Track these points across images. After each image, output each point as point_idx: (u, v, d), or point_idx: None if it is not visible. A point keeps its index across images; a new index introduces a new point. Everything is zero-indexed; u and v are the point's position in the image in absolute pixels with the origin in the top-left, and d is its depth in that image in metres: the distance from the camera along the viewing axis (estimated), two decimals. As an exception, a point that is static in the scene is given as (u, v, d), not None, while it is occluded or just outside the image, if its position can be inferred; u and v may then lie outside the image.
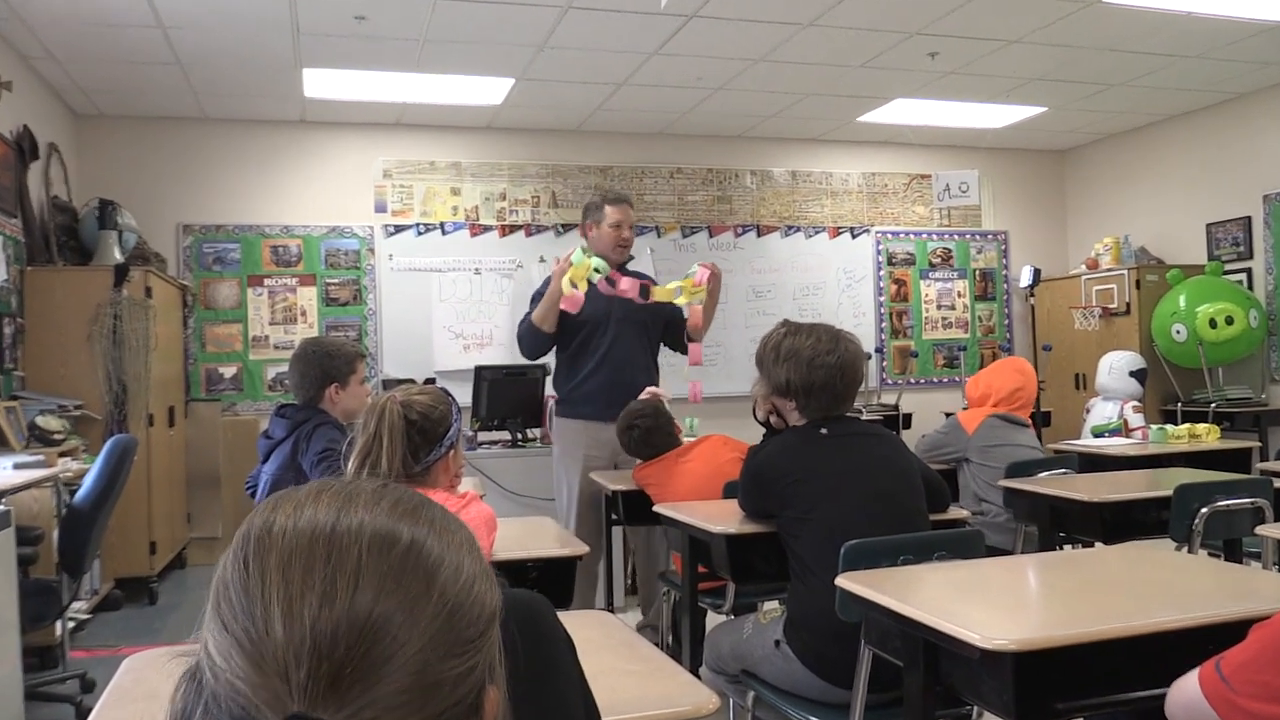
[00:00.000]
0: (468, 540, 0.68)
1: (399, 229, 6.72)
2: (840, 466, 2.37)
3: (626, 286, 3.87)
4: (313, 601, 0.58)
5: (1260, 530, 2.57)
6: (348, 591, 0.59)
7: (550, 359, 4.15)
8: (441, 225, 6.81)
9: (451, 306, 6.77)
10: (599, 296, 4.02)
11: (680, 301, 3.97)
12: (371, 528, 0.63)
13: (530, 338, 3.99)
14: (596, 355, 4.06)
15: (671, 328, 4.12)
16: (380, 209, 6.74)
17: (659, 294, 3.90)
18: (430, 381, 6.46)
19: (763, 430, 2.67)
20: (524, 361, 6.33)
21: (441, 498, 2.02)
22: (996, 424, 3.83)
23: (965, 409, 3.99)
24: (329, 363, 3.02)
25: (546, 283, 3.97)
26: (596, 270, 3.80)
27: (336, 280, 6.62)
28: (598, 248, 4.18)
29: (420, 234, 6.76)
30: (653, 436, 3.48)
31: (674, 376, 5.81)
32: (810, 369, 2.41)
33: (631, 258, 4.35)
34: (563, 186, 7.07)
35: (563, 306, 3.81)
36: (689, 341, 4.02)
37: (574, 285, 3.79)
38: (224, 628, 0.59)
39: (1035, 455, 3.81)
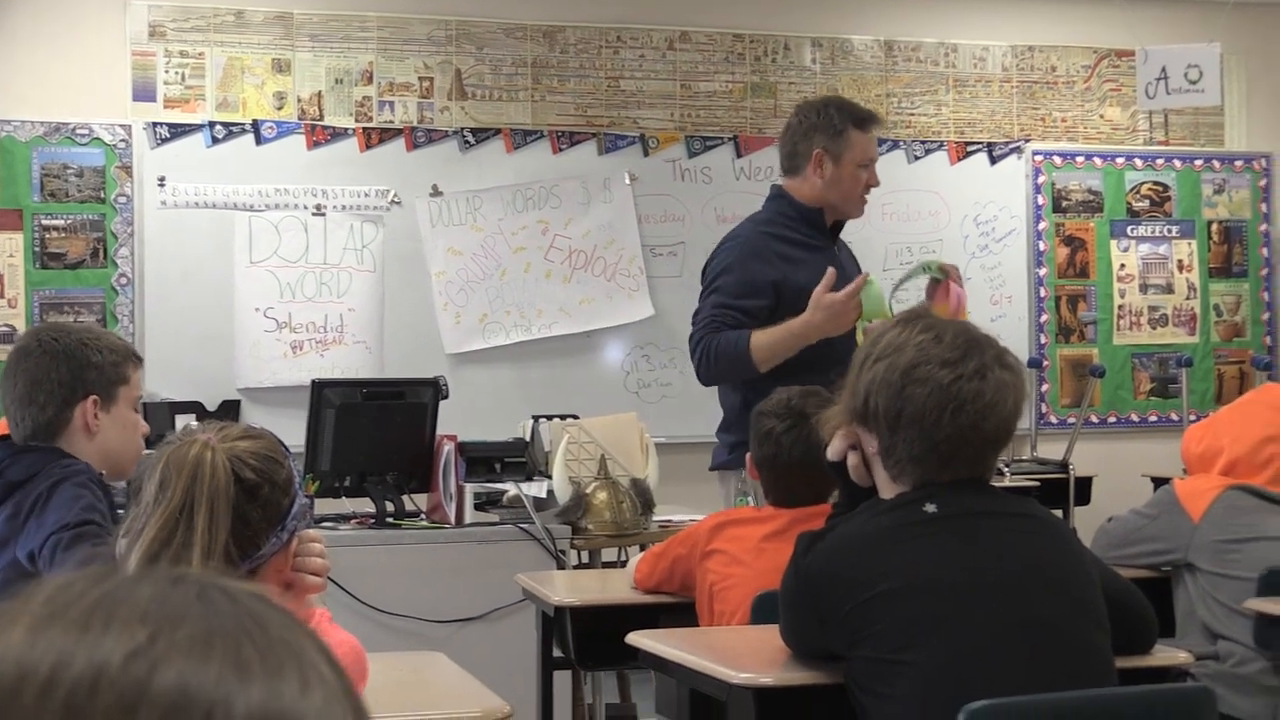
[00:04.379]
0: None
1: (177, 132, 6.74)
2: (957, 572, 2.41)
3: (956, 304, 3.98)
4: None
5: None
6: None
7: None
8: (255, 126, 6.84)
9: (270, 273, 6.80)
10: (828, 255, 4.16)
11: None
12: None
13: (734, 367, 4.08)
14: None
15: None
16: (143, 95, 6.75)
17: None
18: (228, 408, 6.49)
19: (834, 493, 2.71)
20: (401, 374, 6.32)
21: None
22: (1243, 504, 3.87)
23: (1186, 476, 4.05)
24: (83, 360, 3.05)
25: (749, 269, 4.13)
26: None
27: (60, 222, 6.63)
28: (829, 197, 4.25)
29: (216, 141, 6.78)
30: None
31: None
32: (906, 382, 2.45)
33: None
34: (475, 62, 7.11)
35: None
36: None
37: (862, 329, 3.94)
38: None
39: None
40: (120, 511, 2.77)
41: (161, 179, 6.67)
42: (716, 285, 4.22)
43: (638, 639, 2.94)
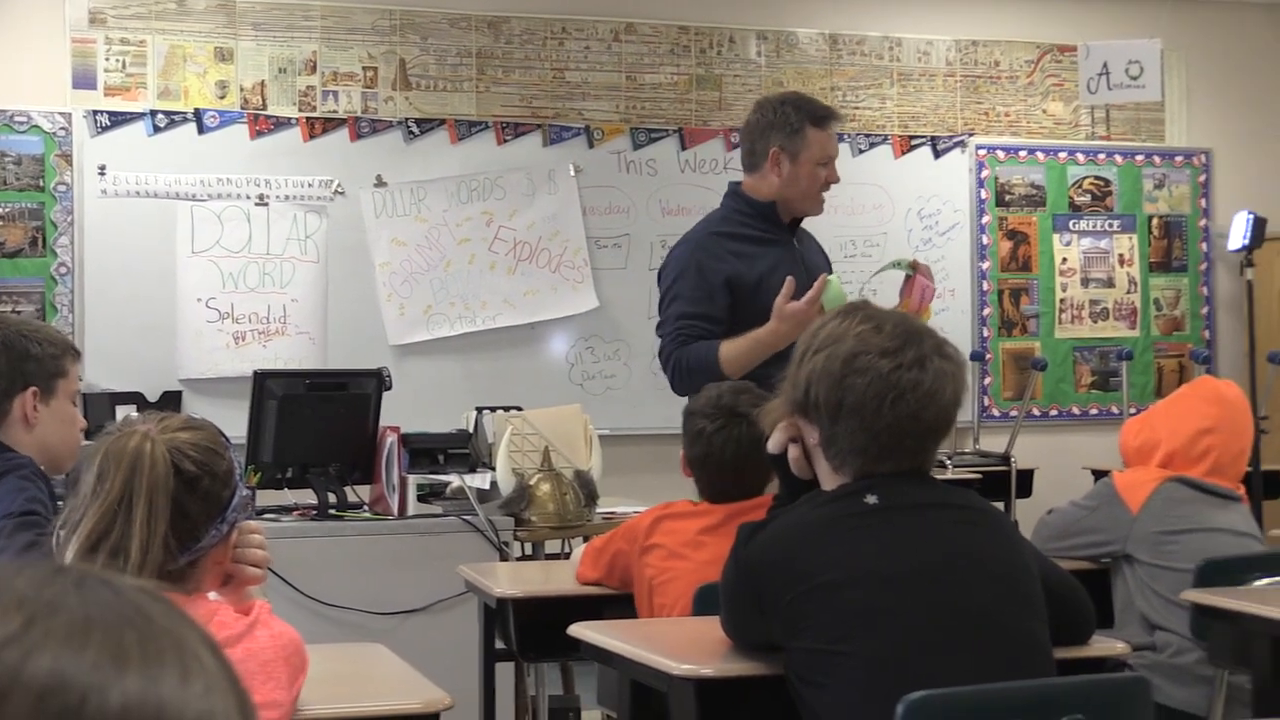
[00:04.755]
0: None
1: (117, 120, 6.70)
2: (898, 564, 2.42)
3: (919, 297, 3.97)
4: None
5: None
6: None
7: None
8: (198, 115, 6.80)
9: (213, 263, 6.76)
10: (786, 249, 4.15)
11: None
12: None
13: (708, 380, 3.93)
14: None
15: None
16: (84, 83, 6.71)
17: None
18: (170, 399, 6.45)
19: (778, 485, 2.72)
20: (345, 365, 6.30)
21: (207, 614, 2.04)
22: (1180, 495, 3.93)
23: (1126, 469, 4.10)
24: (22, 351, 3.04)
25: (703, 271, 4.11)
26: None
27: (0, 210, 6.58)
28: (787, 194, 4.24)
29: (158, 130, 6.74)
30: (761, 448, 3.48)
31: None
32: (846, 372, 2.46)
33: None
34: (419, 52, 7.09)
35: None
36: None
37: None
38: None
39: (1249, 549, 3.91)
40: (61, 504, 2.77)
41: (102, 167, 6.63)
42: (675, 294, 4.19)
43: (580, 631, 2.95)
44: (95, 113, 6.64)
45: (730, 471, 3.41)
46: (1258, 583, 3.69)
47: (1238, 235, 6.80)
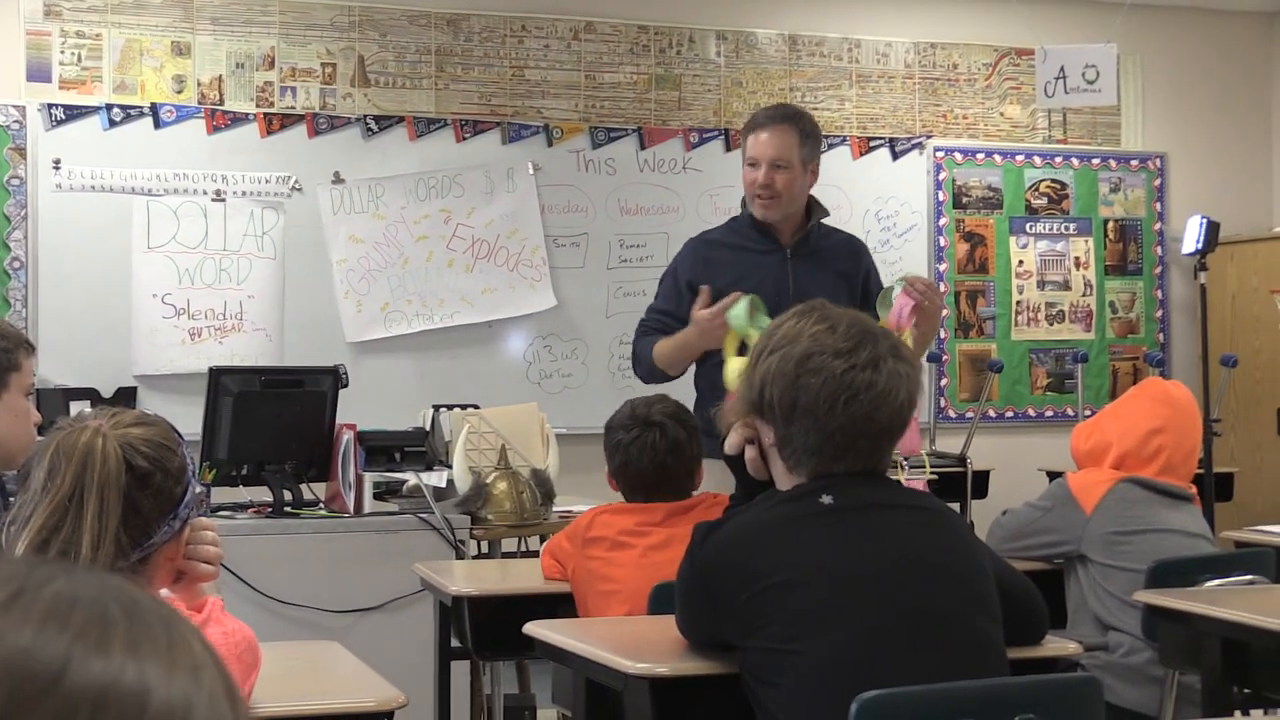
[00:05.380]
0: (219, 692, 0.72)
1: (72, 114, 6.66)
2: (852, 564, 2.44)
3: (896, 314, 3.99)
4: None
5: None
6: None
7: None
8: (154, 110, 6.77)
9: (169, 259, 6.73)
10: (767, 260, 4.25)
11: None
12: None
13: (649, 371, 4.31)
14: None
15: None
16: (38, 76, 6.67)
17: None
18: (124, 395, 6.42)
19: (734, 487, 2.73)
20: (301, 362, 6.29)
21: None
22: (1133, 496, 3.96)
23: (1079, 470, 4.13)
24: None
25: (676, 275, 4.28)
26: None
27: (-45, 204, 6.54)
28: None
29: (114, 124, 6.71)
30: (685, 453, 3.56)
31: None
32: (800, 373, 2.47)
33: (826, 212, 4.48)
34: (378, 49, 7.08)
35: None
36: None
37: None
38: None
39: (1200, 550, 3.96)
40: (12, 500, 2.75)
41: (57, 161, 6.59)
42: (657, 290, 4.43)
43: (535, 629, 2.96)
44: (50, 106, 6.60)
45: (651, 478, 3.57)
46: (1208, 584, 3.73)
47: (1191, 239, 6.84)
